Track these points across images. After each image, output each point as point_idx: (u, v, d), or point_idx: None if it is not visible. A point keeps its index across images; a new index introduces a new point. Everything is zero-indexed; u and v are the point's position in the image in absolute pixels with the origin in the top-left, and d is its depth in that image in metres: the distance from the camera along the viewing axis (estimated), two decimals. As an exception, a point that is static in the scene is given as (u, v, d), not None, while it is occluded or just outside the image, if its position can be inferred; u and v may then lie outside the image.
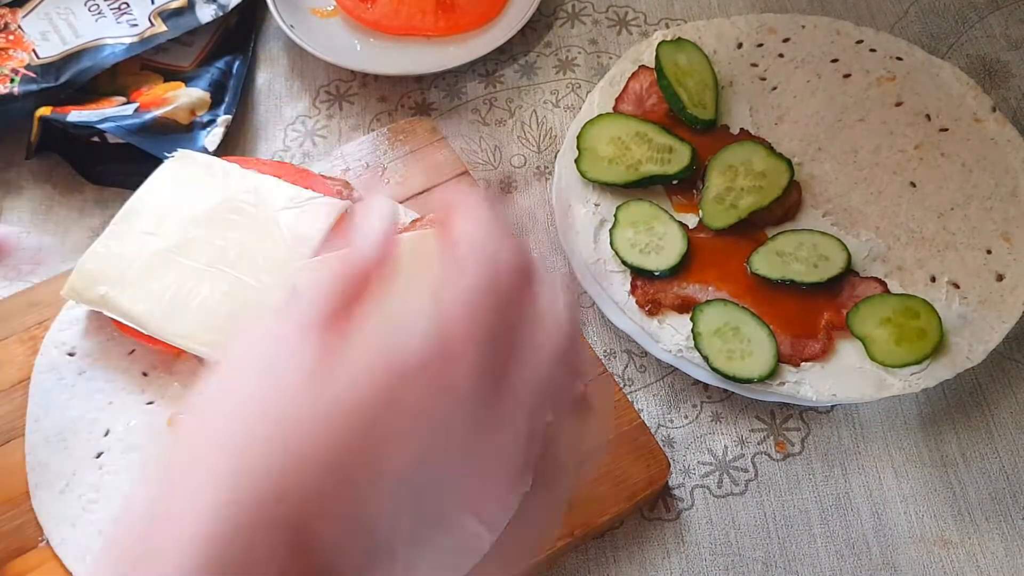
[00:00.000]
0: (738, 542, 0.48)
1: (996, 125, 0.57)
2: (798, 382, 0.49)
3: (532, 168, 0.61)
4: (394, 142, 0.57)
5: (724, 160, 0.55)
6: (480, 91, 0.65)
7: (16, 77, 0.60)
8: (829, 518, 0.48)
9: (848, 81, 0.60)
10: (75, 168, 0.60)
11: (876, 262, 0.53)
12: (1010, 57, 0.65)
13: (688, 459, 0.50)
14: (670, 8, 0.69)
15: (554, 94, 0.65)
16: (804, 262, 0.52)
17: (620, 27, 0.68)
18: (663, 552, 0.47)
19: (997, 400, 0.52)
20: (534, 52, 0.67)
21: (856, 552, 0.47)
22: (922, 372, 0.49)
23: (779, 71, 0.60)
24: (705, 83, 0.59)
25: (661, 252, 0.53)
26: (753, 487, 0.50)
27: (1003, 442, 0.51)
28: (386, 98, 0.65)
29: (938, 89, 0.59)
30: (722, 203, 0.54)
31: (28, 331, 0.50)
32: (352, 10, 0.66)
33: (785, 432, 0.51)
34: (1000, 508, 0.49)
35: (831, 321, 0.51)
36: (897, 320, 0.50)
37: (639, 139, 0.56)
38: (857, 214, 0.55)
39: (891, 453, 0.50)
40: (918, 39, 0.66)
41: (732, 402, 0.52)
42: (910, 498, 0.49)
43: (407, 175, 0.55)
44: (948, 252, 0.53)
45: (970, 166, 0.56)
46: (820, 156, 0.57)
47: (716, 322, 0.50)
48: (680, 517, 0.49)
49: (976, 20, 0.67)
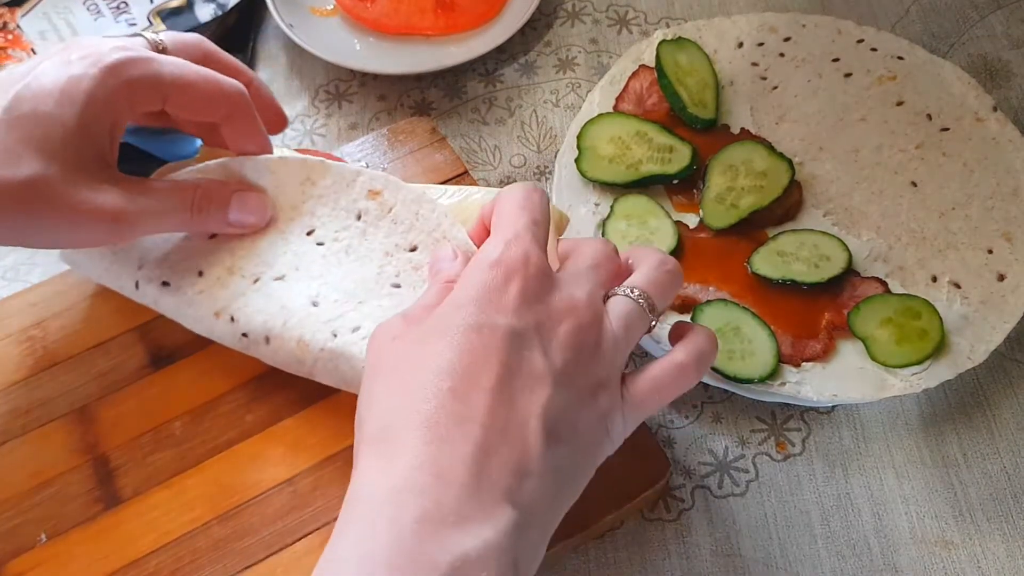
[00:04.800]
0: (739, 543, 0.48)
1: (997, 124, 0.57)
2: (799, 382, 0.49)
3: (532, 168, 0.61)
4: (394, 142, 0.57)
5: (725, 160, 0.55)
6: (480, 90, 0.65)
7: (14, 76, 0.59)
8: (830, 519, 0.48)
9: (849, 80, 0.59)
10: (74, 168, 0.60)
11: (877, 262, 0.53)
12: (1012, 56, 0.65)
13: (689, 460, 0.50)
14: (670, 7, 0.69)
15: (554, 93, 0.64)
16: (805, 262, 0.52)
17: (620, 26, 0.68)
18: (664, 553, 0.47)
19: (999, 400, 0.52)
20: (534, 51, 0.67)
21: (857, 553, 0.47)
22: (923, 372, 0.49)
23: (780, 70, 0.60)
24: (706, 82, 0.59)
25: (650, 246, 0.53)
26: (754, 488, 0.49)
27: (1004, 442, 0.51)
28: (385, 97, 0.65)
29: (939, 88, 0.59)
30: (723, 203, 0.54)
31: (26, 331, 0.50)
32: (351, 9, 0.66)
33: (786, 432, 0.51)
34: (1002, 509, 0.49)
35: (832, 321, 0.50)
36: (898, 320, 0.50)
37: (639, 138, 0.56)
38: (858, 214, 0.55)
39: (892, 453, 0.50)
40: (919, 38, 0.66)
41: (733, 402, 0.52)
42: (911, 498, 0.49)
43: (407, 175, 0.55)
44: (949, 252, 0.53)
45: (971, 166, 0.56)
46: (821, 156, 0.57)
47: (717, 322, 0.50)
48: (681, 518, 0.48)
49: (977, 19, 0.67)
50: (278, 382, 0.47)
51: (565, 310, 0.36)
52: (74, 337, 0.50)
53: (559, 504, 0.35)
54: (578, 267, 0.38)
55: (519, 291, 0.35)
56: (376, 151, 0.56)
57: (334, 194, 0.47)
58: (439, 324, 0.35)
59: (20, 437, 0.47)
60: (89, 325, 0.50)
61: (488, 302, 0.35)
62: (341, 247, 0.46)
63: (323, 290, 0.45)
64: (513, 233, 0.37)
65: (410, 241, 0.45)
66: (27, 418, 0.47)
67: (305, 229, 0.46)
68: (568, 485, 0.35)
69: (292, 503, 0.44)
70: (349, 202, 0.47)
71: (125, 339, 0.50)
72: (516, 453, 0.32)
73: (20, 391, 0.48)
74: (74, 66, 0.41)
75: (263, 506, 0.44)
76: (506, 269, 0.35)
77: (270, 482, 0.45)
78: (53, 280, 0.52)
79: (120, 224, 0.42)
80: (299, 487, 0.45)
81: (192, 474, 0.45)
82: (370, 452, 0.33)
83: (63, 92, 0.40)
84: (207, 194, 0.45)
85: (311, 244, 0.46)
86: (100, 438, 0.47)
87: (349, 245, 0.46)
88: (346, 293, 0.44)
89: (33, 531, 0.44)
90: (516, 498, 0.32)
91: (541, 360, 0.34)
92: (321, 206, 0.47)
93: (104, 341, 0.50)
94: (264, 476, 0.45)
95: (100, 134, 0.42)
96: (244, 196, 0.46)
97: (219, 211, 0.45)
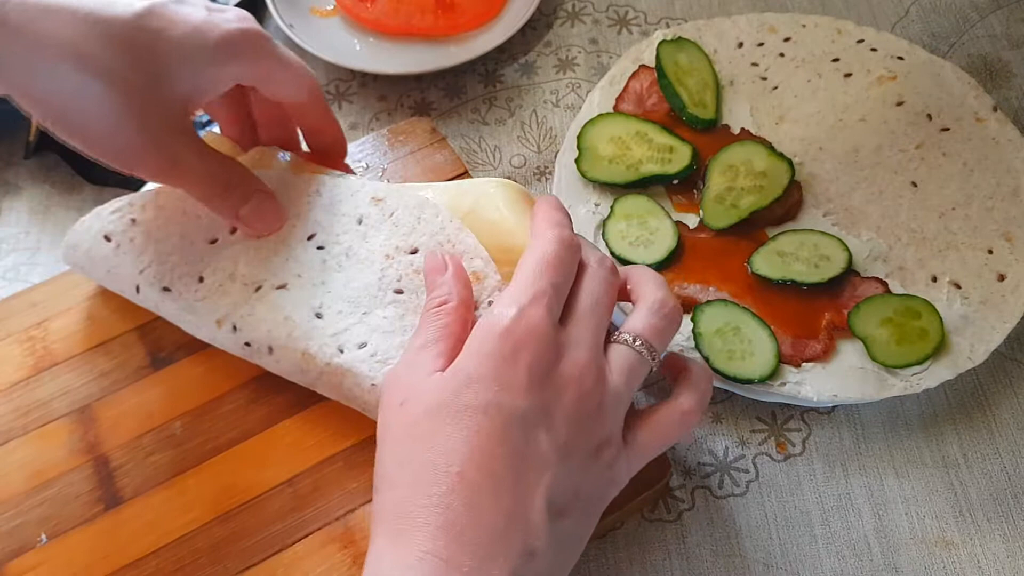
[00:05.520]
0: (739, 543, 0.48)
1: (997, 124, 0.57)
2: (799, 382, 0.49)
3: (532, 168, 0.61)
4: (394, 143, 0.57)
5: (725, 160, 0.55)
6: (480, 90, 0.65)
7: (15, 77, 0.59)
8: (830, 519, 0.48)
9: (849, 80, 0.59)
10: (74, 168, 0.60)
11: (877, 262, 0.53)
12: (1011, 56, 0.65)
13: (689, 460, 0.50)
14: (670, 7, 0.69)
15: (554, 94, 0.64)
16: (805, 262, 0.52)
17: (620, 26, 0.68)
18: (664, 553, 0.47)
19: (999, 400, 0.52)
20: (534, 51, 0.67)
21: (857, 553, 0.47)
22: (923, 372, 0.49)
23: (780, 70, 0.60)
24: (706, 82, 0.59)
25: (650, 246, 0.53)
26: (754, 488, 0.49)
27: (1004, 442, 0.51)
28: (385, 97, 0.65)
29: (939, 88, 0.59)
30: (723, 203, 0.54)
31: (27, 331, 0.50)
32: (351, 9, 0.66)
33: (786, 433, 0.51)
34: (1002, 509, 0.49)
35: (832, 321, 0.50)
36: (898, 320, 0.50)
37: (639, 139, 0.56)
38: (858, 214, 0.55)
39: (892, 454, 0.50)
40: (919, 38, 0.66)
41: (733, 403, 0.52)
42: (911, 499, 0.49)
43: (407, 176, 0.55)
44: (949, 252, 0.53)
45: (971, 166, 0.56)
46: (821, 156, 0.57)
47: (717, 322, 0.50)
48: (681, 518, 0.48)
49: (977, 19, 0.67)
50: (279, 383, 0.47)
51: (570, 379, 0.36)
52: (75, 337, 0.50)
53: (564, 568, 0.36)
54: (583, 310, 0.38)
55: (527, 368, 0.35)
56: (376, 151, 0.56)
57: (338, 202, 0.47)
58: (449, 398, 0.35)
59: (21, 437, 0.47)
60: (90, 325, 0.50)
61: (495, 380, 0.35)
62: (342, 250, 0.46)
63: (326, 299, 0.45)
64: (529, 298, 0.37)
65: (411, 243, 0.45)
66: (28, 418, 0.47)
67: (306, 234, 0.46)
68: (573, 549, 0.36)
69: (292, 504, 0.45)
70: (351, 208, 0.47)
71: (126, 339, 0.50)
72: (523, 536, 0.34)
73: (21, 391, 0.48)
74: (215, 13, 0.42)
75: (263, 507, 0.44)
76: (516, 341, 0.36)
77: (270, 483, 0.45)
78: (54, 280, 0.52)
79: (167, 173, 0.42)
80: (299, 488, 0.45)
81: (192, 474, 0.45)
82: (385, 532, 0.35)
83: (197, 27, 0.41)
84: (242, 180, 0.45)
85: (312, 249, 0.46)
86: (101, 438, 0.47)
87: (350, 248, 0.46)
88: (349, 303, 0.44)
89: (33, 531, 0.44)
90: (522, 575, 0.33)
91: (547, 440, 0.35)
92: (323, 213, 0.47)
93: (105, 341, 0.50)
94: (264, 477, 0.45)
95: (204, 77, 0.42)
96: (263, 201, 0.46)
97: (239, 201, 0.45)
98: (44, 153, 0.60)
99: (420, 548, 0.33)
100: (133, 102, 0.39)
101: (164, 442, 0.46)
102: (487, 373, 0.35)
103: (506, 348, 0.36)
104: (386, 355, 0.43)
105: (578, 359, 0.36)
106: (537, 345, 0.36)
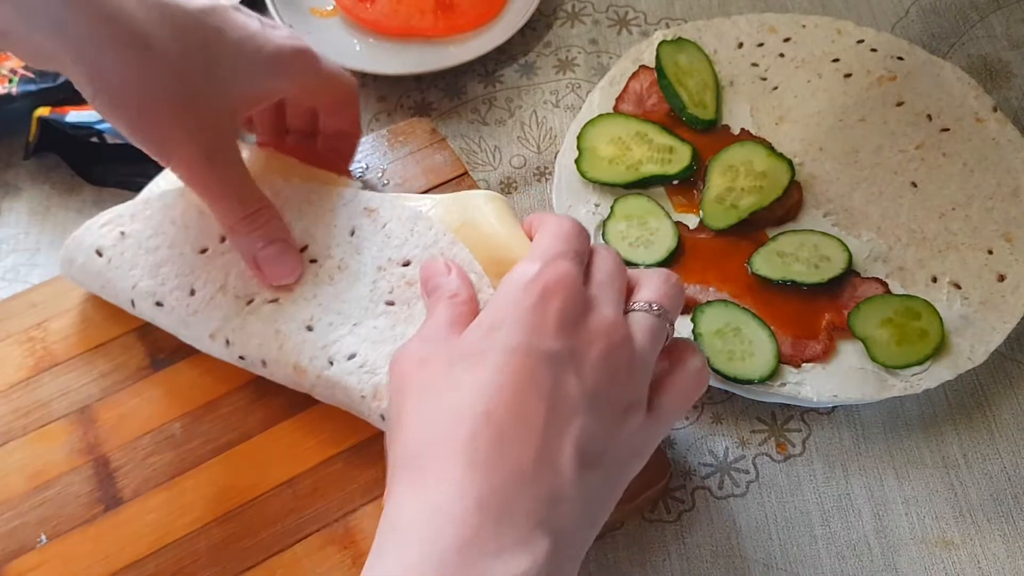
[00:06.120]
0: (739, 544, 0.48)
1: (997, 125, 0.57)
2: (799, 383, 0.49)
3: (532, 168, 0.61)
4: (394, 143, 0.57)
5: (725, 160, 0.55)
6: (480, 91, 0.65)
7: (14, 77, 0.59)
8: (830, 519, 0.48)
9: (849, 81, 0.59)
10: (73, 169, 0.60)
11: (877, 262, 0.53)
12: (1012, 57, 0.65)
13: (689, 460, 0.50)
14: (670, 7, 0.69)
15: (554, 94, 0.64)
16: (805, 263, 0.52)
17: (620, 27, 0.68)
18: (664, 554, 0.47)
19: (999, 401, 0.52)
20: (534, 52, 0.67)
21: (857, 553, 0.47)
22: (923, 373, 0.49)
23: (780, 71, 0.60)
24: (706, 83, 0.59)
25: (650, 247, 0.53)
26: (754, 488, 0.49)
27: (1005, 443, 0.51)
28: (385, 98, 0.65)
29: (939, 89, 0.59)
30: (723, 203, 0.54)
31: (27, 332, 0.50)
32: (351, 10, 0.66)
33: (786, 433, 0.51)
34: (1002, 509, 0.49)
35: (832, 322, 0.50)
36: (898, 321, 0.50)
37: (639, 139, 0.56)
38: (858, 214, 0.55)
39: (892, 454, 0.50)
40: (919, 39, 0.66)
41: (733, 403, 0.52)
42: (911, 499, 0.49)
43: (407, 176, 0.55)
44: (949, 252, 0.53)
45: (971, 166, 0.56)
46: (821, 156, 0.57)
47: (717, 323, 0.50)
48: (681, 519, 0.48)
49: (977, 20, 0.67)
50: (278, 385, 0.47)
51: (599, 331, 0.35)
52: (75, 338, 0.50)
53: (592, 527, 0.35)
54: (601, 279, 0.38)
55: (558, 312, 0.35)
56: (376, 152, 0.56)
57: (331, 213, 0.47)
58: (472, 345, 0.35)
59: (21, 438, 0.47)
60: (90, 326, 0.50)
61: (526, 323, 0.34)
62: (335, 264, 0.46)
63: (317, 312, 0.45)
64: (552, 254, 0.37)
65: (404, 255, 0.45)
66: (28, 419, 0.47)
67: (299, 247, 0.46)
68: (600, 507, 0.35)
69: (292, 505, 0.44)
70: (344, 219, 0.47)
71: (125, 340, 0.50)
72: (551, 480, 0.32)
73: (21, 392, 0.48)
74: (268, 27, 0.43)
75: (263, 508, 0.44)
76: (544, 288, 0.35)
77: (270, 484, 0.45)
78: (54, 281, 0.52)
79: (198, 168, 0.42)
80: (298, 489, 0.45)
81: (192, 475, 0.45)
82: (404, 478, 0.33)
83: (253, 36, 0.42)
84: (269, 219, 0.44)
85: (305, 263, 0.46)
86: (101, 439, 0.47)
87: (342, 261, 0.46)
88: (340, 315, 0.44)
89: (33, 532, 0.44)
90: (551, 525, 0.32)
91: (576, 385, 0.34)
92: (315, 224, 0.47)
93: (105, 342, 0.50)
94: (264, 478, 0.45)
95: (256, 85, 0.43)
96: (285, 251, 0.45)
97: (260, 239, 0.44)
98: (44, 154, 0.60)
99: (446, 492, 0.32)
100: (187, 87, 0.40)
101: (164, 443, 0.46)
102: (515, 319, 0.34)
103: (534, 296, 0.35)
104: (375, 365, 0.43)
105: (607, 314, 0.36)
106: (567, 292, 0.35)
